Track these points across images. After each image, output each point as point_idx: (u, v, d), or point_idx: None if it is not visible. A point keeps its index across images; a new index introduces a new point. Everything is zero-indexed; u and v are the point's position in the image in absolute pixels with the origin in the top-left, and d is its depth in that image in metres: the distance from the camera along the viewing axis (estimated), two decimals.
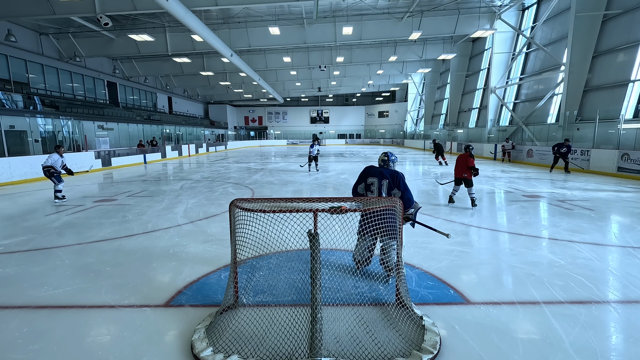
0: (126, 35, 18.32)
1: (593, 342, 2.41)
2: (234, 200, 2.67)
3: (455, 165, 7.06)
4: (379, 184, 3.40)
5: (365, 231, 3.24)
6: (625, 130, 12.13)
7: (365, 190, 3.51)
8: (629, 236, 4.89)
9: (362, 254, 3.45)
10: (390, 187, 3.37)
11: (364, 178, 3.51)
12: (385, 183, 3.38)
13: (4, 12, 13.78)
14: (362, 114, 50.91)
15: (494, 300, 3.03)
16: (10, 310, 2.98)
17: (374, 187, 3.41)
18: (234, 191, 9.09)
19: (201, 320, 2.71)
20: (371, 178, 3.45)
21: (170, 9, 11.92)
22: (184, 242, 4.72)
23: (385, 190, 3.38)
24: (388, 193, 3.38)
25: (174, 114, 34.15)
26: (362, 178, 3.55)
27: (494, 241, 4.77)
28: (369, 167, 3.54)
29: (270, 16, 17.80)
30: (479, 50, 25.04)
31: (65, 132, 16.86)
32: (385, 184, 3.37)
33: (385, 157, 3.59)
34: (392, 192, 3.37)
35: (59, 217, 6.34)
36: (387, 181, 3.38)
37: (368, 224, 3.03)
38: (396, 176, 3.40)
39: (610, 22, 13.77)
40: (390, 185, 3.37)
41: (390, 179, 3.39)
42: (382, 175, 3.41)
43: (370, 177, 3.46)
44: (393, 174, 3.42)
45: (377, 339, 2.42)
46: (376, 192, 3.42)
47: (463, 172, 6.85)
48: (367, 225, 3.06)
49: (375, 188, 3.41)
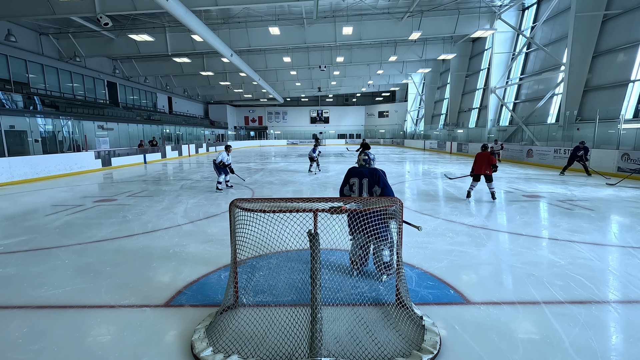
0: (126, 35, 18.31)
1: (593, 342, 2.41)
2: (234, 200, 2.67)
3: (476, 163, 7.45)
4: (359, 183, 3.48)
5: (352, 230, 3.27)
6: (625, 130, 12.13)
7: (349, 191, 3.59)
8: (629, 236, 4.89)
9: (357, 254, 3.49)
10: (371, 184, 3.44)
11: (347, 178, 3.59)
12: (365, 182, 3.46)
13: (4, 12, 13.78)
14: (362, 114, 50.90)
15: (494, 300, 3.03)
16: (10, 310, 2.98)
17: (355, 187, 3.49)
18: (234, 191, 9.10)
19: (201, 320, 2.71)
20: (353, 178, 3.53)
21: (170, 9, 11.92)
22: (184, 242, 4.72)
23: (366, 189, 3.45)
24: (369, 191, 3.45)
25: (174, 114, 34.14)
26: (346, 180, 3.62)
27: (494, 241, 4.77)
28: (351, 168, 3.62)
29: (270, 16, 17.80)
30: (479, 50, 25.05)
31: (65, 132, 16.85)
32: (366, 182, 3.45)
33: (365, 157, 3.67)
34: (373, 190, 3.45)
35: (59, 217, 6.34)
36: (366, 179, 3.46)
37: (355, 222, 3.07)
38: (375, 173, 3.48)
39: (610, 22, 13.77)
40: (370, 183, 3.44)
41: (369, 177, 3.47)
42: (361, 175, 3.50)
43: (352, 178, 3.54)
44: (372, 171, 3.50)
45: (377, 339, 2.42)
46: (357, 191, 3.50)
47: (485, 169, 7.29)
48: (355, 224, 3.09)
49: (357, 187, 3.48)
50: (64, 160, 13.12)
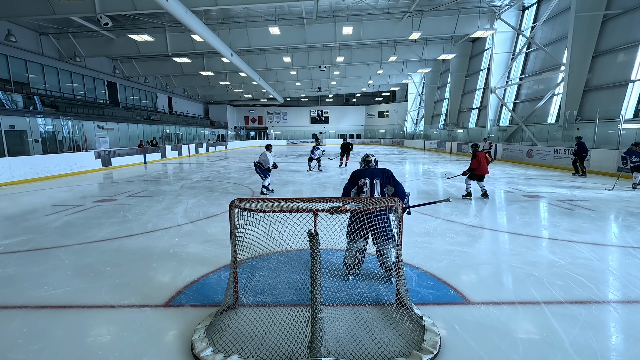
0: (126, 35, 18.31)
1: (593, 342, 2.41)
2: (234, 200, 2.67)
3: (482, 164, 7.53)
4: (371, 183, 3.47)
5: (355, 233, 3.15)
6: (625, 130, 12.12)
7: (358, 192, 3.55)
8: (629, 236, 4.89)
9: (353, 257, 3.39)
10: (383, 184, 3.47)
11: (355, 181, 3.55)
12: (377, 181, 3.46)
13: (4, 12, 13.78)
14: (362, 114, 50.91)
15: (494, 300, 3.03)
16: (10, 310, 2.98)
17: (366, 187, 3.47)
18: (234, 191, 9.10)
19: (201, 320, 2.71)
20: (362, 179, 3.50)
21: (170, 9, 11.92)
22: (184, 242, 4.72)
23: (378, 188, 3.45)
24: (381, 191, 3.46)
25: (174, 114, 34.15)
26: (353, 182, 3.58)
27: (494, 241, 4.77)
28: (358, 171, 3.62)
29: (270, 16, 17.80)
30: (479, 50, 25.04)
31: (65, 132, 16.85)
32: (378, 182, 3.46)
33: (369, 158, 3.72)
34: (385, 190, 3.46)
35: (59, 217, 6.34)
36: (379, 179, 3.47)
37: (359, 225, 2.99)
38: (387, 173, 3.53)
39: (610, 22, 13.77)
40: (382, 183, 3.47)
41: (382, 176, 3.49)
42: (373, 175, 3.50)
43: (361, 179, 3.51)
44: (384, 171, 3.54)
45: (377, 339, 2.42)
46: (368, 192, 3.47)
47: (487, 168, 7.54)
48: (358, 227, 3.01)
49: (368, 188, 3.47)
50: (64, 160, 13.12)
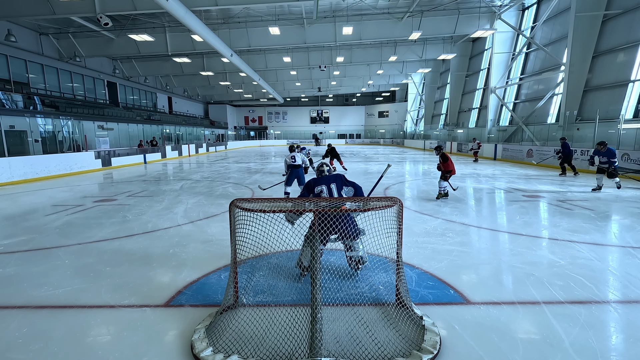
0: (126, 35, 18.30)
1: (593, 342, 2.41)
2: (234, 200, 2.67)
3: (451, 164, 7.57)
4: (328, 188, 3.60)
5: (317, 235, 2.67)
6: (625, 130, 12.11)
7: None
8: (629, 236, 4.89)
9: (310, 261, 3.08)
10: (340, 187, 3.63)
11: (311, 189, 3.62)
12: (334, 186, 3.61)
13: (4, 12, 13.77)
14: (362, 114, 50.89)
15: (494, 300, 3.03)
16: (10, 310, 2.98)
17: (324, 194, 3.58)
18: (234, 191, 9.09)
19: (201, 320, 2.71)
20: (318, 187, 3.61)
21: (170, 9, 11.92)
22: (184, 242, 4.72)
23: (336, 192, 3.60)
24: (339, 193, 3.62)
25: (174, 114, 34.14)
26: (309, 190, 3.64)
27: (494, 241, 4.77)
28: (313, 179, 3.73)
29: (270, 16, 17.80)
30: (479, 50, 25.04)
31: (65, 132, 16.85)
32: (334, 186, 3.61)
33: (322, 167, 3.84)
34: (342, 192, 3.63)
35: (59, 217, 6.34)
36: (335, 184, 3.62)
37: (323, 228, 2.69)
38: (341, 177, 3.72)
39: (610, 22, 13.77)
40: (339, 186, 3.63)
41: (338, 181, 3.65)
42: (328, 181, 3.65)
43: (317, 187, 3.61)
44: (337, 176, 3.73)
45: (377, 339, 2.42)
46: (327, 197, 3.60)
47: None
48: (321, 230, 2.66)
49: (326, 194, 3.59)
50: (64, 160, 13.12)
